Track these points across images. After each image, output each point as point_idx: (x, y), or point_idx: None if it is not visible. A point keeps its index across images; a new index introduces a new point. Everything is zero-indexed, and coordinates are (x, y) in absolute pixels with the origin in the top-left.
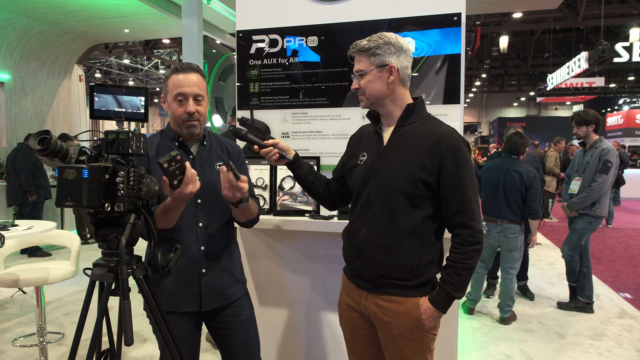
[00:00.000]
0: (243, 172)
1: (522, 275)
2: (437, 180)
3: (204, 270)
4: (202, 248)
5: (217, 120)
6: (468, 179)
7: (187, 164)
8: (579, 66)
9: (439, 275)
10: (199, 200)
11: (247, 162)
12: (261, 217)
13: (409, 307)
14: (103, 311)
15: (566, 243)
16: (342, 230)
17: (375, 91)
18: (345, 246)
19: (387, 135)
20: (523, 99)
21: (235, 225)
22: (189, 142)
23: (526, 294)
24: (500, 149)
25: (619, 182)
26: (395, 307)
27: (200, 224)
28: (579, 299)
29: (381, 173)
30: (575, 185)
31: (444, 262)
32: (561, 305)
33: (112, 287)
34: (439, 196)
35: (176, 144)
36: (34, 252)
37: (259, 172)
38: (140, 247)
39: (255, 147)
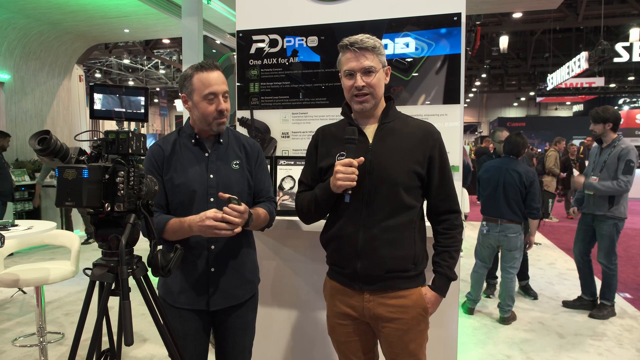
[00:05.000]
0: (262, 171)
1: (523, 274)
2: (427, 172)
3: (213, 269)
4: (213, 247)
5: None
6: (450, 168)
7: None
8: (579, 66)
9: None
10: (212, 199)
11: None
12: None
13: (414, 299)
14: (103, 311)
15: (599, 252)
16: (324, 237)
17: (381, 90)
18: (335, 252)
19: (369, 132)
20: (523, 99)
21: None
22: (205, 140)
23: (529, 292)
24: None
25: None
26: (402, 302)
27: None
28: (583, 297)
29: (377, 169)
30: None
31: (424, 255)
32: (566, 304)
33: (112, 287)
34: (425, 187)
35: (193, 141)
36: None
37: None
38: (140, 247)
39: None
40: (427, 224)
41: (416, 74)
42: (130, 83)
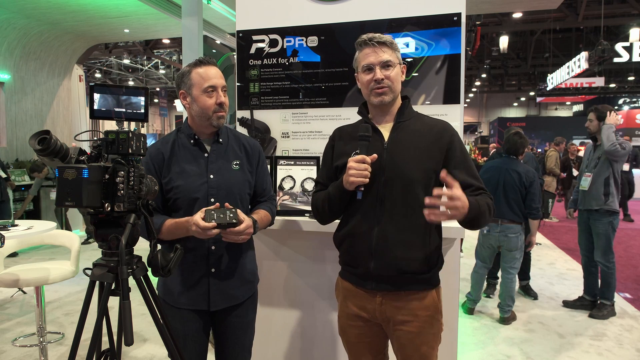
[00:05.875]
0: (264, 172)
1: (525, 274)
2: (447, 165)
3: (213, 270)
4: (213, 247)
5: None
6: (471, 159)
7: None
8: (579, 66)
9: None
10: (212, 199)
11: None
12: None
13: (428, 301)
14: (103, 311)
15: (596, 251)
16: (337, 235)
17: (399, 86)
18: (348, 250)
19: (385, 130)
20: (523, 99)
21: None
22: (204, 140)
23: (529, 292)
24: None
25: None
26: (415, 304)
27: None
28: (585, 297)
29: (391, 167)
30: (585, 182)
31: (439, 258)
32: (566, 304)
33: (112, 287)
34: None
35: (192, 141)
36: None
37: None
38: (140, 247)
39: None
40: (444, 224)
41: (416, 74)
42: (130, 83)
